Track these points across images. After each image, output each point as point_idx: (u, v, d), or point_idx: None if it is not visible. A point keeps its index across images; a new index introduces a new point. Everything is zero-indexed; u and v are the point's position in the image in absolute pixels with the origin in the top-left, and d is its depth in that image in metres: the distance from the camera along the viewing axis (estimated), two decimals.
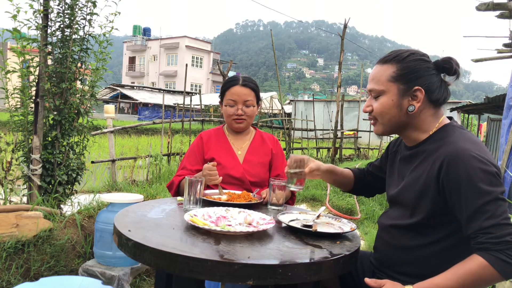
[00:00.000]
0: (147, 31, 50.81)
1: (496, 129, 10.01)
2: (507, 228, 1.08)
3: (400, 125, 1.32)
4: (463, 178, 1.13)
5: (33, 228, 2.46)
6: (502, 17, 4.37)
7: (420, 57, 1.29)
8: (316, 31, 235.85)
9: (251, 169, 2.01)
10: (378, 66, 1.33)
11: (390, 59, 1.30)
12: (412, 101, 1.27)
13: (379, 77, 1.31)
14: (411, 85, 1.26)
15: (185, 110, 11.93)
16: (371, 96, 1.34)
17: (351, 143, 13.45)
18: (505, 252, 1.07)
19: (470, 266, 1.10)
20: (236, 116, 2.01)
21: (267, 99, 27.10)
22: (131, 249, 1.17)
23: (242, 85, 2.01)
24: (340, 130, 9.01)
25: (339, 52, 6.91)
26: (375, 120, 1.36)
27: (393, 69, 1.28)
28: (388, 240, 1.37)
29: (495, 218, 1.09)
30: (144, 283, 2.67)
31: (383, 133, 1.37)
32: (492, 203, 1.10)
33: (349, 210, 5.20)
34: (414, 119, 1.30)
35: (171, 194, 2.03)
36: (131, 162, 6.18)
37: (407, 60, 1.27)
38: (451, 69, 1.27)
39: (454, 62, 1.27)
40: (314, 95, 21.70)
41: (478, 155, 1.15)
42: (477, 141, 1.23)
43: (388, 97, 1.29)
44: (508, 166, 2.93)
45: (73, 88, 3.08)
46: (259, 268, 1.06)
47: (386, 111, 1.30)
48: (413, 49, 1.33)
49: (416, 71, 1.26)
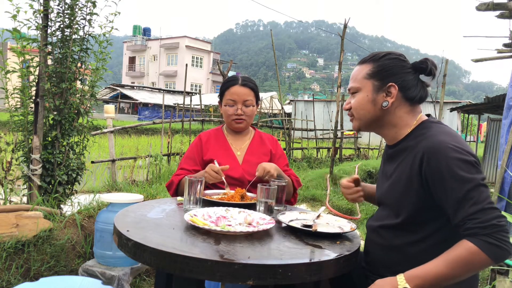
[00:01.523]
0: (147, 31, 50.78)
1: (496, 129, 10.00)
2: (492, 212, 1.11)
3: (376, 121, 1.37)
4: (444, 169, 1.17)
5: (33, 228, 2.46)
6: (502, 17, 4.37)
7: (395, 57, 1.35)
8: (316, 31, 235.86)
9: (251, 169, 1.99)
10: (357, 66, 1.41)
11: (367, 59, 1.38)
12: (386, 97, 1.33)
13: (357, 75, 1.38)
14: (385, 81, 1.32)
15: (185, 110, 11.93)
16: (350, 94, 1.42)
17: (351, 143, 13.45)
18: (493, 236, 1.09)
19: (460, 252, 1.12)
20: (236, 116, 2.00)
21: (267, 99, 27.08)
22: (131, 249, 1.17)
23: (242, 85, 2.00)
24: (340, 130, 9.00)
25: (339, 52, 6.90)
26: (352, 116, 1.42)
27: (369, 67, 1.36)
28: (378, 241, 1.38)
29: (480, 204, 1.12)
30: (144, 283, 2.67)
31: (359, 128, 1.42)
32: (475, 189, 1.13)
33: (349, 210, 5.21)
34: (390, 115, 1.35)
35: (170, 194, 2.01)
36: (131, 162, 6.18)
37: (383, 59, 1.35)
38: (426, 69, 1.32)
39: (430, 62, 1.33)
40: (314, 95, 21.70)
41: (456, 146, 1.19)
42: (454, 133, 1.28)
43: (363, 93, 1.36)
44: (508, 166, 2.93)
45: (73, 88, 3.08)
46: (259, 268, 1.06)
47: (361, 106, 1.37)
48: (390, 51, 1.39)
49: (390, 69, 1.33)
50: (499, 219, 1.11)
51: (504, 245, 1.10)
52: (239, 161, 2.03)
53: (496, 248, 1.09)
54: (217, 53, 53.35)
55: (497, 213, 1.12)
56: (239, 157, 2.04)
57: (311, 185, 6.20)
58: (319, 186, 6.18)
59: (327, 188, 5.96)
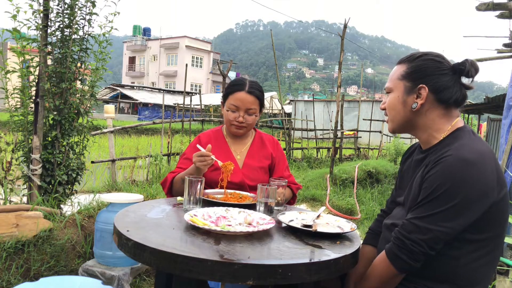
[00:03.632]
0: (147, 31, 50.77)
1: (496, 129, 10.00)
2: (421, 236, 1.17)
3: (407, 123, 1.34)
4: (441, 183, 1.17)
5: (33, 228, 2.46)
6: (502, 17, 4.37)
7: (431, 57, 1.31)
8: (316, 31, 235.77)
9: (251, 174, 1.95)
10: (395, 66, 1.39)
11: (404, 59, 1.36)
12: (416, 99, 1.30)
13: (392, 75, 1.38)
14: (417, 83, 1.29)
15: (185, 110, 11.93)
16: (386, 93, 1.41)
17: (351, 143, 13.45)
18: (401, 249, 1.20)
19: (377, 258, 1.30)
20: (237, 122, 1.93)
21: (267, 99, 27.09)
22: (131, 249, 1.17)
23: (248, 92, 1.90)
24: (340, 130, 9.00)
25: (339, 52, 6.90)
26: (387, 116, 1.41)
27: (404, 68, 1.34)
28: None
29: (423, 224, 1.18)
30: (144, 283, 2.67)
31: (394, 130, 1.40)
32: (439, 215, 1.16)
33: (349, 210, 5.21)
34: (421, 117, 1.31)
35: (164, 191, 1.96)
36: (131, 162, 6.18)
37: (417, 60, 1.32)
38: (464, 70, 1.28)
39: (468, 63, 1.27)
40: (314, 95, 21.68)
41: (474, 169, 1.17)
42: (482, 151, 1.19)
43: (395, 94, 1.35)
44: (508, 166, 2.93)
45: (73, 88, 3.08)
46: (259, 268, 1.06)
47: (392, 106, 1.36)
48: (428, 51, 1.35)
49: (423, 70, 1.29)
50: (414, 244, 1.17)
51: (408, 259, 1.18)
52: (239, 165, 1.97)
53: (399, 259, 1.20)
54: (217, 53, 53.33)
55: (418, 238, 1.16)
56: (239, 161, 1.99)
57: (311, 185, 6.20)
58: (319, 186, 6.18)
59: (327, 188, 5.96)
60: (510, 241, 2.21)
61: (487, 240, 1.19)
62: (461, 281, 1.20)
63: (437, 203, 1.15)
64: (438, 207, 1.15)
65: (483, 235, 1.18)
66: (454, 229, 1.15)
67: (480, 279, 1.22)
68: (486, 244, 1.19)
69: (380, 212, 1.62)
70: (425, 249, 1.16)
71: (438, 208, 1.15)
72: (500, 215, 1.19)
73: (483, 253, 1.19)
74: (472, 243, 1.18)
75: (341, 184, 6.24)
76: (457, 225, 1.14)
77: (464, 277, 1.20)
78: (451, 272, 1.20)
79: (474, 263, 1.19)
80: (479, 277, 1.21)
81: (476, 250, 1.19)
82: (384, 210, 1.59)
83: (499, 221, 1.19)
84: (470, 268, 1.19)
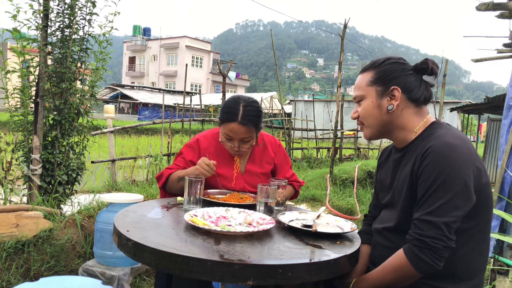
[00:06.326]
0: (147, 31, 50.76)
1: (496, 129, 10.00)
2: (438, 231, 1.15)
3: (385, 126, 1.37)
4: (436, 170, 1.19)
5: (33, 228, 2.46)
6: (502, 17, 4.36)
7: (395, 61, 1.37)
8: (316, 31, 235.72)
9: (252, 180, 1.92)
10: (360, 75, 1.43)
11: (368, 67, 1.41)
12: (390, 101, 1.34)
13: (360, 84, 1.40)
14: (388, 85, 1.34)
15: (185, 110, 11.93)
16: (356, 103, 1.43)
17: (351, 143, 13.45)
18: (422, 250, 1.16)
19: (393, 259, 1.22)
20: (233, 150, 1.86)
21: (267, 99, 27.09)
22: (131, 249, 1.17)
23: (241, 123, 1.76)
24: (340, 130, 9.00)
25: (339, 52, 6.90)
26: (362, 125, 1.43)
27: (370, 74, 1.38)
28: (385, 244, 1.38)
29: (434, 216, 1.16)
30: (144, 283, 2.67)
31: (371, 136, 1.42)
32: (448, 202, 1.16)
33: (349, 210, 5.20)
34: (397, 118, 1.35)
35: (158, 185, 1.90)
36: (131, 162, 6.18)
37: (383, 65, 1.37)
38: (427, 69, 1.34)
39: (430, 62, 1.34)
40: (314, 95, 21.68)
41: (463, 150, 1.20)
42: (464, 137, 1.27)
43: (368, 100, 1.37)
44: (508, 166, 2.93)
45: (73, 88, 3.08)
46: (259, 268, 1.06)
47: (368, 113, 1.38)
48: (389, 56, 1.40)
49: (391, 73, 1.34)
50: (435, 240, 1.14)
51: (431, 261, 1.14)
52: (240, 172, 1.93)
53: (422, 261, 1.15)
54: (217, 53, 53.32)
55: (437, 233, 1.13)
56: (241, 165, 1.95)
57: (311, 185, 6.20)
58: (319, 186, 6.18)
59: (327, 188, 5.96)
60: (510, 241, 2.21)
61: (477, 228, 1.23)
62: (459, 274, 1.23)
63: (442, 192, 1.16)
64: (444, 196, 1.15)
65: (472, 222, 1.22)
66: (463, 215, 1.17)
67: (475, 272, 1.26)
68: (476, 231, 1.24)
69: (363, 218, 1.64)
70: (446, 242, 1.14)
71: (444, 197, 1.15)
72: (486, 201, 1.24)
73: (474, 244, 1.23)
74: (465, 232, 1.21)
75: (341, 184, 6.24)
76: (466, 209, 1.17)
77: (461, 270, 1.23)
78: (449, 267, 1.20)
79: (468, 255, 1.23)
80: (474, 270, 1.25)
81: (469, 241, 1.22)
82: (369, 215, 1.61)
83: (487, 206, 1.24)
84: (466, 261, 1.23)
